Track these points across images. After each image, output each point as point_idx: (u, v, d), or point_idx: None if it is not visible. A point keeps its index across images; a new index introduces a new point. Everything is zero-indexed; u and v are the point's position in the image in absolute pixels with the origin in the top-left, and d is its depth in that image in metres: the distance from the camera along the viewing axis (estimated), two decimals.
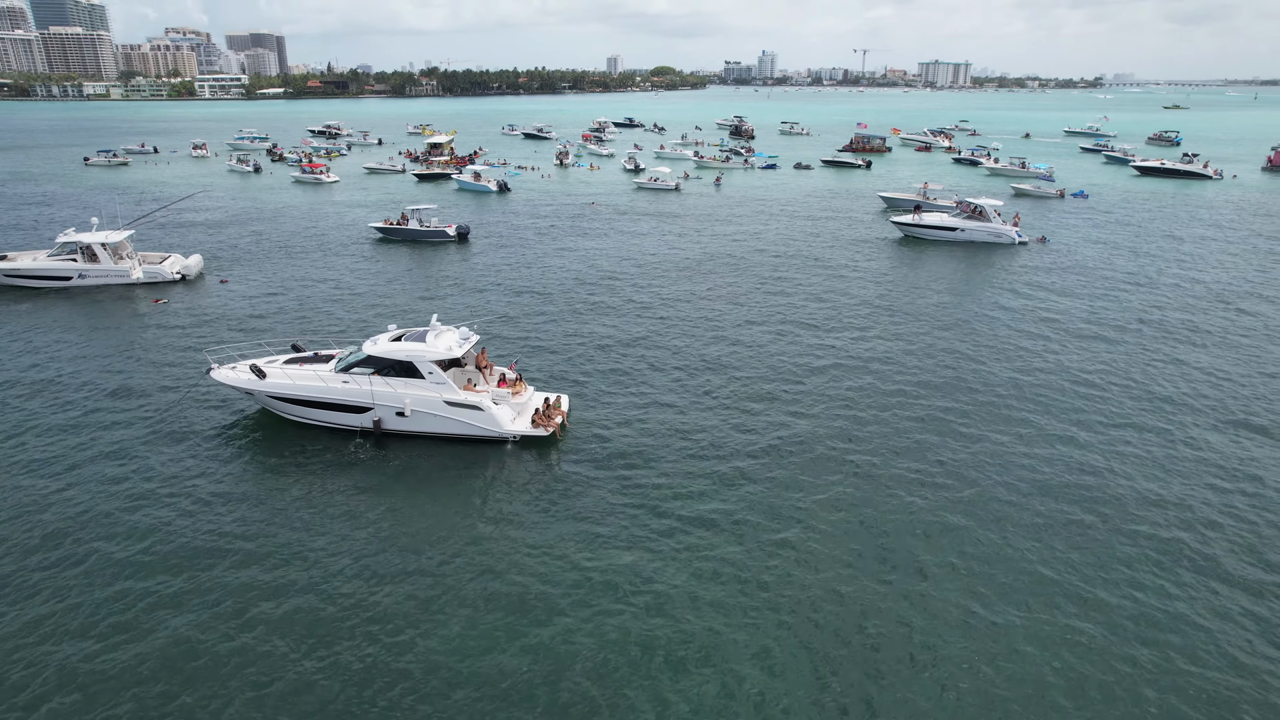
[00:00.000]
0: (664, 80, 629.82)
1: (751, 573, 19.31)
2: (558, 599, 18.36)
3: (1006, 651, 16.75)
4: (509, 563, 19.78)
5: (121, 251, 45.81)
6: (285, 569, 19.44)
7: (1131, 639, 17.12)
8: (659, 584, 18.88)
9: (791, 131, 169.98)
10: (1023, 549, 20.22)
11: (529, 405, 27.51)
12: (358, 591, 18.65)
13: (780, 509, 22.10)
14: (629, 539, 20.71)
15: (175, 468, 24.36)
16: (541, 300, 42.36)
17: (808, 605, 18.17)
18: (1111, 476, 23.76)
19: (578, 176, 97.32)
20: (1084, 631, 17.34)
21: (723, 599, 18.35)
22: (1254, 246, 56.20)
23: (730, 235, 60.29)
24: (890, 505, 22.29)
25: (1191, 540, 20.63)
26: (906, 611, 17.97)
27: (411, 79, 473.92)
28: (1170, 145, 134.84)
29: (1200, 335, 36.66)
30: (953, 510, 21.95)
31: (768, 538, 20.72)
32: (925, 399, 29.34)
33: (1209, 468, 24.40)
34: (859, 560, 19.82)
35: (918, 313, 40.13)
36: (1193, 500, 22.56)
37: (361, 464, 24.92)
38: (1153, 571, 19.37)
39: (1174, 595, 18.50)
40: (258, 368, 26.90)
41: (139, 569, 19.43)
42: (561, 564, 19.72)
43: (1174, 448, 25.69)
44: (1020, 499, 22.54)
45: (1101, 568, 19.48)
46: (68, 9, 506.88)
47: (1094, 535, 20.80)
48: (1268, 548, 20.30)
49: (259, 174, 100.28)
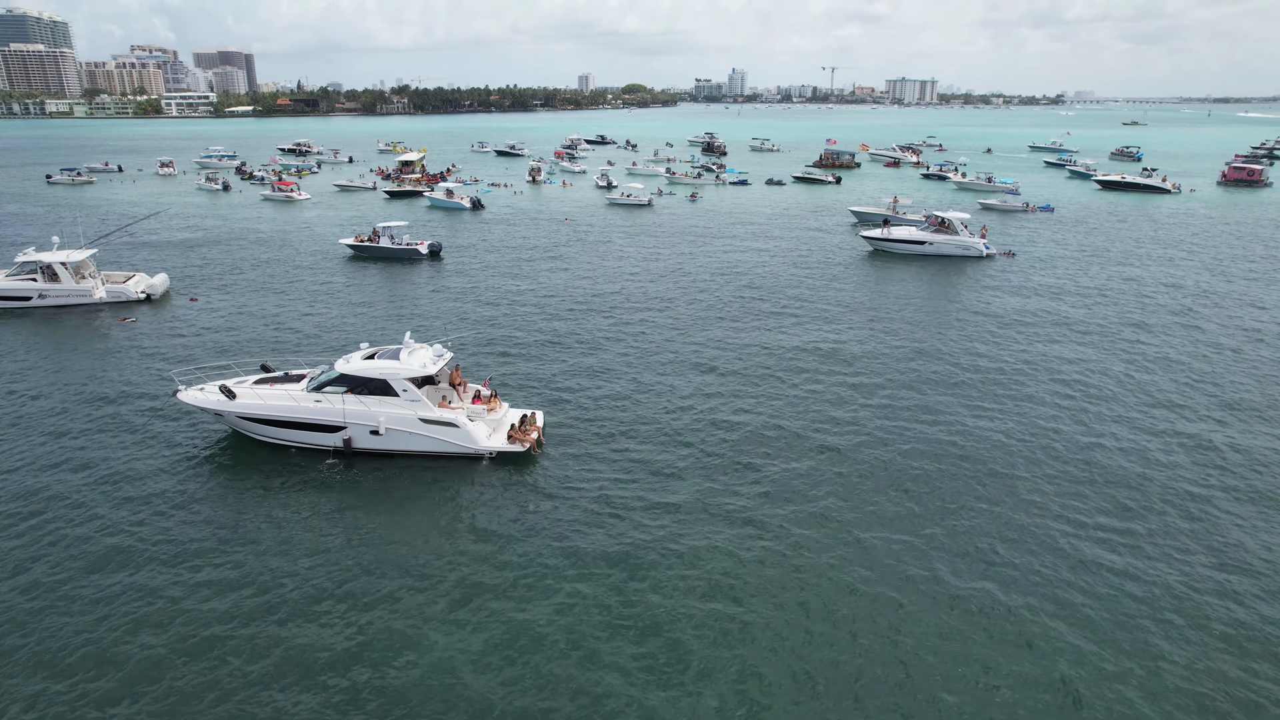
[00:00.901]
0: (635, 98, 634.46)
1: (732, 587, 19.27)
2: (538, 618, 18.17)
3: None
4: (490, 583, 19.54)
5: (84, 271, 44.97)
6: (260, 595, 19.03)
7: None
8: (641, 601, 18.77)
9: (762, 148, 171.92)
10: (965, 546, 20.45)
11: (504, 421, 27.39)
12: (336, 615, 18.30)
13: (757, 522, 22.11)
14: (610, 556, 20.58)
15: (142, 492, 23.80)
16: (515, 316, 42.21)
17: (786, 622, 18.18)
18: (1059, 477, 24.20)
19: (550, 193, 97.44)
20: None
21: (705, 615, 18.28)
22: (1214, 256, 57.68)
23: (703, 250, 60.62)
24: (872, 520, 22.40)
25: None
26: (915, 634, 18.07)
27: (383, 97, 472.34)
28: (1132, 160, 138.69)
29: (1160, 340, 37.48)
30: (930, 525, 22.15)
31: (746, 552, 20.71)
32: (901, 409, 29.63)
33: (1185, 469, 24.91)
34: (844, 564, 19.88)
35: (889, 324, 40.55)
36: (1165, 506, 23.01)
37: (335, 484, 24.56)
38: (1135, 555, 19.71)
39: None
40: (227, 388, 26.47)
41: (106, 598, 18.90)
42: (543, 582, 19.53)
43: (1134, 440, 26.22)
44: (983, 495, 22.82)
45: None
46: (29, 26, 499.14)
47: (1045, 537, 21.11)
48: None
49: (228, 192, 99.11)
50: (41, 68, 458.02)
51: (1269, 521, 22.25)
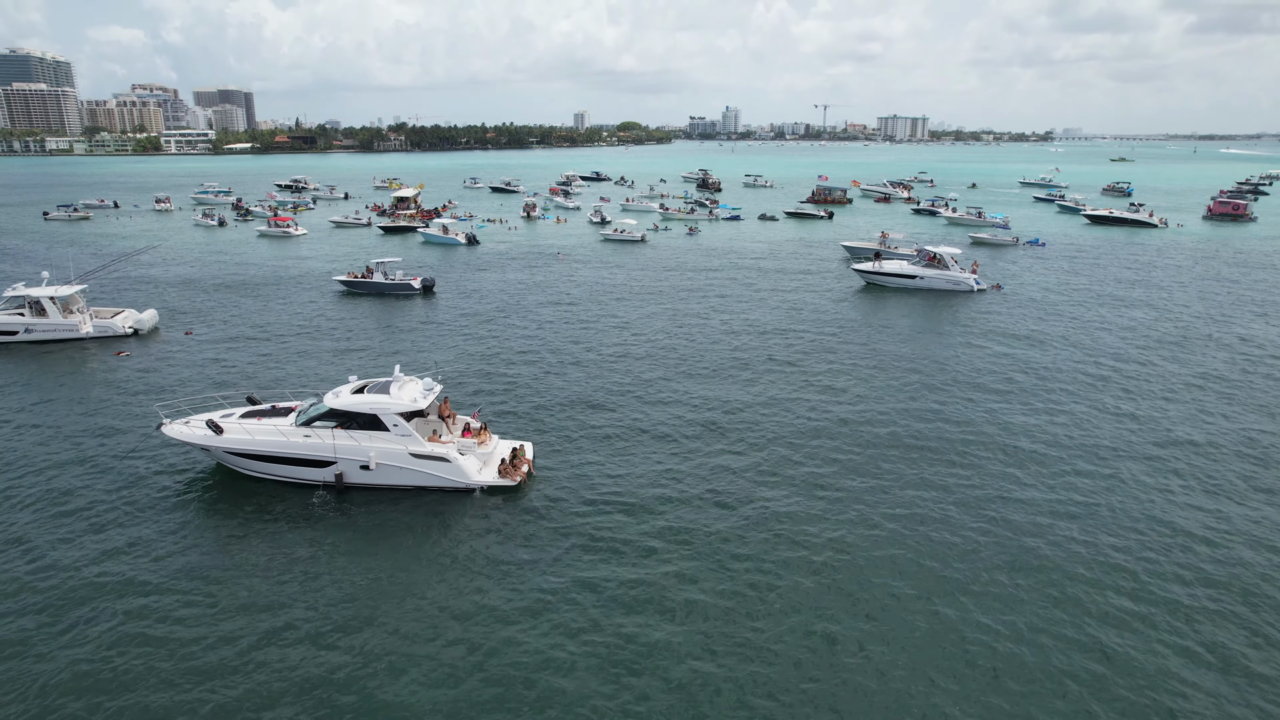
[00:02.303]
0: (630, 135, 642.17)
1: (725, 623, 19.03)
2: (533, 653, 17.90)
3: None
4: (484, 617, 19.28)
5: (72, 306, 45.04)
6: (250, 635, 18.70)
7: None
8: (639, 640, 18.48)
9: (755, 184, 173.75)
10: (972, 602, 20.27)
11: (495, 455, 27.28)
12: (326, 655, 17.98)
13: (750, 558, 21.91)
14: (603, 591, 20.33)
15: (124, 527, 23.49)
16: (506, 350, 42.22)
17: (779, 656, 17.94)
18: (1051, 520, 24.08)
19: (545, 229, 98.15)
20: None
21: (700, 651, 18.03)
22: (1201, 290, 58.18)
23: (695, 284, 60.95)
24: (866, 556, 22.23)
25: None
26: (897, 670, 17.85)
27: (380, 134, 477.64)
28: (1123, 195, 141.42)
29: (1152, 381, 37.63)
30: (930, 560, 22.00)
31: (740, 589, 20.49)
32: (891, 446, 29.58)
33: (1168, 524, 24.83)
34: (833, 605, 19.66)
35: (880, 360, 40.67)
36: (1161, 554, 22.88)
37: (324, 519, 24.31)
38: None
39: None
40: (214, 423, 26.30)
41: (91, 641, 18.50)
42: (537, 618, 19.28)
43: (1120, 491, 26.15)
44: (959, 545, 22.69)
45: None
46: (32, 66, 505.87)
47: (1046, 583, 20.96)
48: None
49: (224, 228, 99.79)
50: (43, 106, 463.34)
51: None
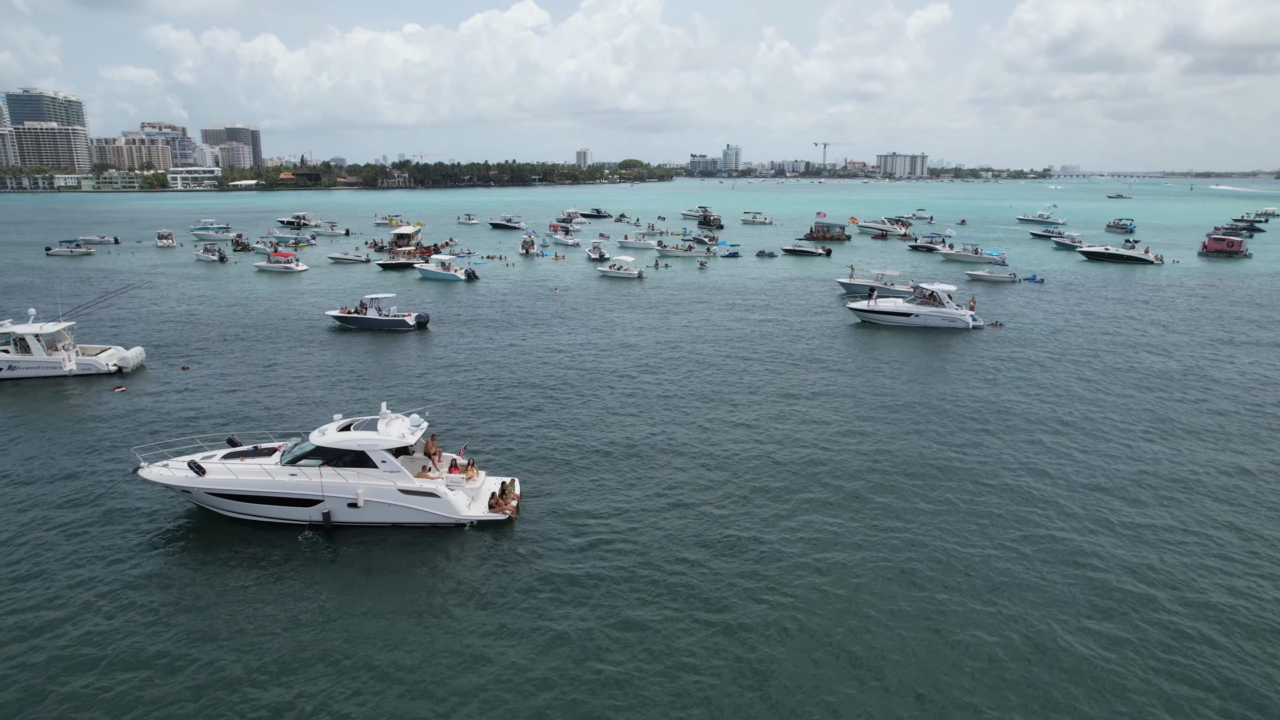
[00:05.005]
0: (632, 173, 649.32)
1: (719, 666, 18.50)
2: (530, 692, 17.35)
3: None
4: (478, 656, 18.76)
5: (58, 343, 44.85)
6: (238, 683, 18.13)
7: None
8: (632, 679, 17.96)
9: (754, 221, 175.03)
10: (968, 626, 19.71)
11: (483, 490, 27.23)
12: (318, 692, 17.46)
13: (745, 593, 21.40)
14: (596, 631, 19.82)
15: (102, 570, 23.00)
16: (498, 386, 41.92)
17: (771, 697, 17.38)
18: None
19: (543, 266, 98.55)
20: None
21: (697, 693, 17.48)
22: (1201, 329, 58.00)
23: (691, 321, 60.87)
24: (859, 593, 21.71)
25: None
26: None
27: (384, 171, 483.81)
28: (1126, 232, 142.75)
29: (1161, 422, 37.26)
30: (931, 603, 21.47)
31: (732, 629, 19.96)
32: (886, 479, 29.14)
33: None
34: (827, 642, 19.12)
35: (876, 399, 40.36)
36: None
37: (313, 559, 23.85)
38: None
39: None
40: (196, 464, 25.96)
41: (70, 699, 17.84)
42: (532, 655, 18.81)
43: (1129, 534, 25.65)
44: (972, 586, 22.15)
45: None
46: (44, 105, 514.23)
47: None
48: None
49: (224, 263, 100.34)
50: (53, 144, 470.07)
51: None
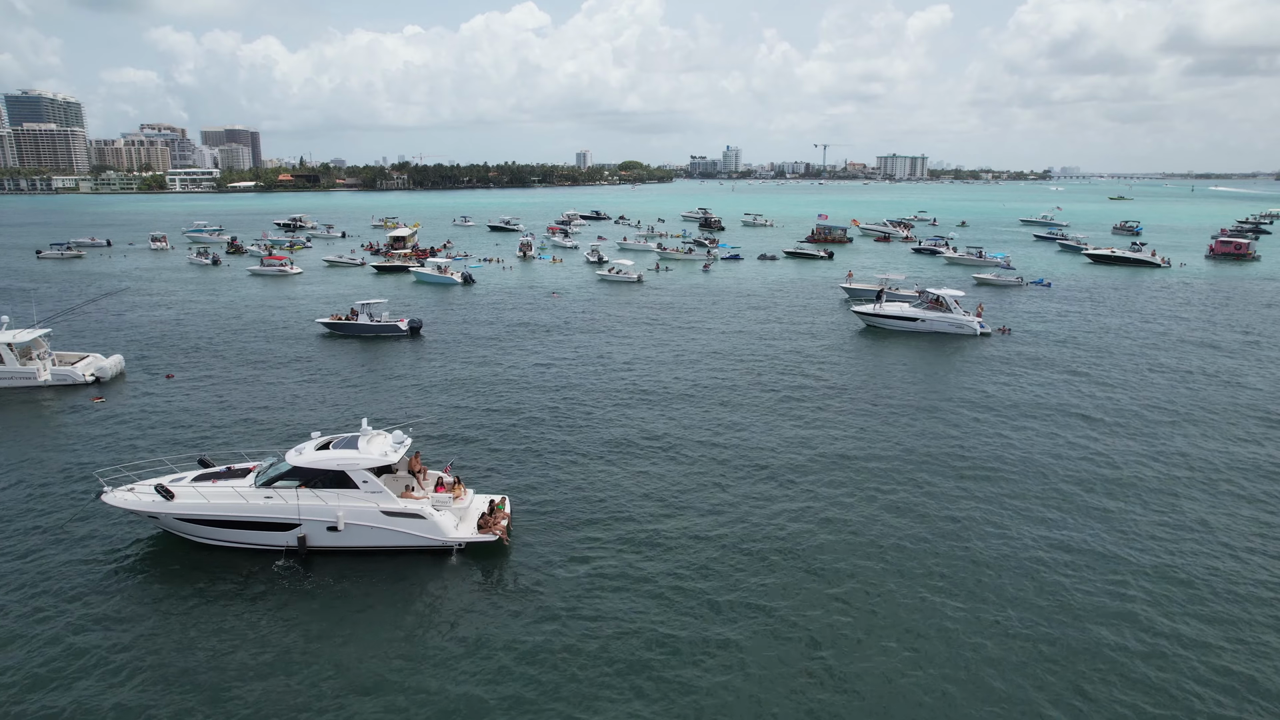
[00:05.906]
0: (631, 174, 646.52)
1: (725, 686, 16.98)
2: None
3: None
4: (470, 693, 17.44)
5: (32, 351, 42.93)
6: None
7: None
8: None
9: (755, 223, 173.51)
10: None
11: (472, 510, 25.54)
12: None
13: (745, 609, 19.87)
14: (599, 659, 18.48)
15: (58, 610, 21.42)
16: (489, 396, 40.35)
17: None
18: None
19: (541, 269, 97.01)
20: None
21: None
22: (1213, 334, 56.45)
23: (691, 326, 59.31)
24: (862, 600, 20.17)
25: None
26: None
27: (383, 173, 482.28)
28: (1132, 234, 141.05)
29: (1173, 425, 35.72)
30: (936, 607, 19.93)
31: (734, 648, 18.43)
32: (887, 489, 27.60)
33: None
34: (827, 658, 17.58)
35: (880, 408, 38.81)
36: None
37: (289, 588, 22.26)
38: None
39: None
40: (164, 488, 24.39)
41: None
42: (527, 688, 17.43)
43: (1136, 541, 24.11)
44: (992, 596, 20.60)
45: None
46: (43, 106, 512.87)
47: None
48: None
49: (217, 266, 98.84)
50: (52, 145, 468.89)
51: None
